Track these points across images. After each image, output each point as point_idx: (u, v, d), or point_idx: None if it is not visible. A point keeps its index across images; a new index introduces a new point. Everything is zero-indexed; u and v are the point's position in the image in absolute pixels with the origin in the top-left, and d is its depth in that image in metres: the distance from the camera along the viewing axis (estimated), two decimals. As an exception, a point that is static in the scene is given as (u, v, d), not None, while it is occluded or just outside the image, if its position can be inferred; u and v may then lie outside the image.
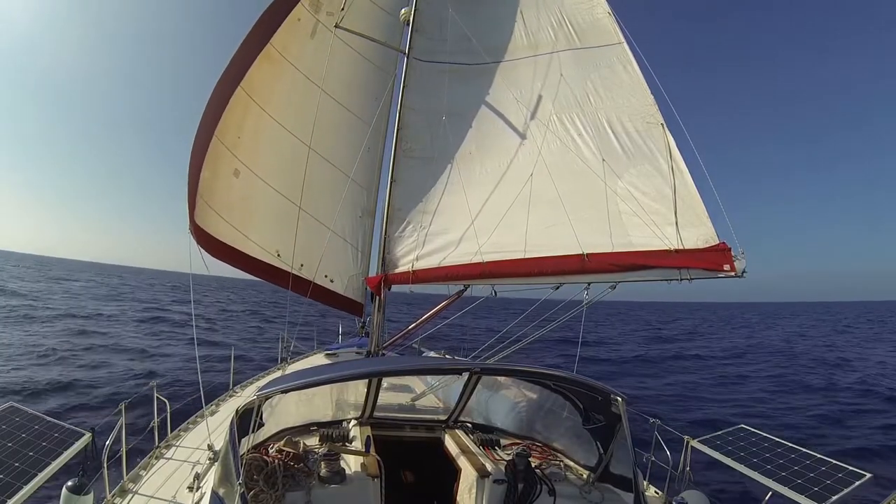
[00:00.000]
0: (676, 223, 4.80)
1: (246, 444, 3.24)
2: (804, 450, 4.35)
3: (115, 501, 3.60)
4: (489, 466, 3.69)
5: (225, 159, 6.71)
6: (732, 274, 4.38)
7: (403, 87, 6.58)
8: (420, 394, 5.54)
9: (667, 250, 4.69)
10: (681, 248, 4.67)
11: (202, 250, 6.39)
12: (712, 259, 4.51)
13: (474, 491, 3.55)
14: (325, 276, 8.10)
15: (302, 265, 7.44)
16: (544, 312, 5.54)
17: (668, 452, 4.31)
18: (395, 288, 6.17)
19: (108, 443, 3.65)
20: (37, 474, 3.22)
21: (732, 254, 4.45)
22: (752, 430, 4.85)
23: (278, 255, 7.32)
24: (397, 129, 6.46)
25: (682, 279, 4.60)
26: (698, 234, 4.70)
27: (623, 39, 5.77)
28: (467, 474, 3.71)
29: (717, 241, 4.61)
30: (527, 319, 5.78)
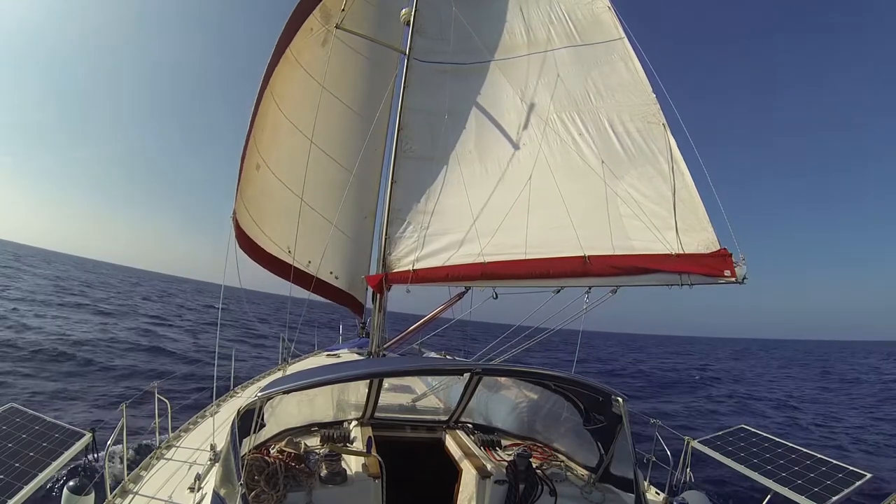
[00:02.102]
0: (676, 227, 4.75)
1: (247, 444, 3.24)
2: (804, 450, 4.36)
3: (116, 502, 3.59)
4: (490, 467, 3.69)
5: (253, 154, 7.18)
6: (733, 280, 4.34)
7: (404, 87, 6.59)
8: (421, 394, 5.53)
9: (667, 254, 4.65)
10: (681, 252, 4.63)
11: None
12: (713, 264, 4.45)
13: (475, 491, 3.55)
14: (331, 273, 8.38)
15: (309, 262, 7.82)
16: (545, 316, 5.52)
17: (669, 452, 4.32)
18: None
19: (108, 443, 3.65)
20: (37, 475, 3.23)
21: (733, 260, 4.41)
22: (753, 430, 4.86)
23: (289, 251, 7.64)
24: (397, 130, 6.47)
25: (682, 284, 4.57)
26: (699, 238, 4.65)
27: (623, 34, 5.71)
28: (468, 475, 3.71)
29: (719, 247, 4.56)
30: (527, 324, 5.77)
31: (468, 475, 3.71)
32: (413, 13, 6.77)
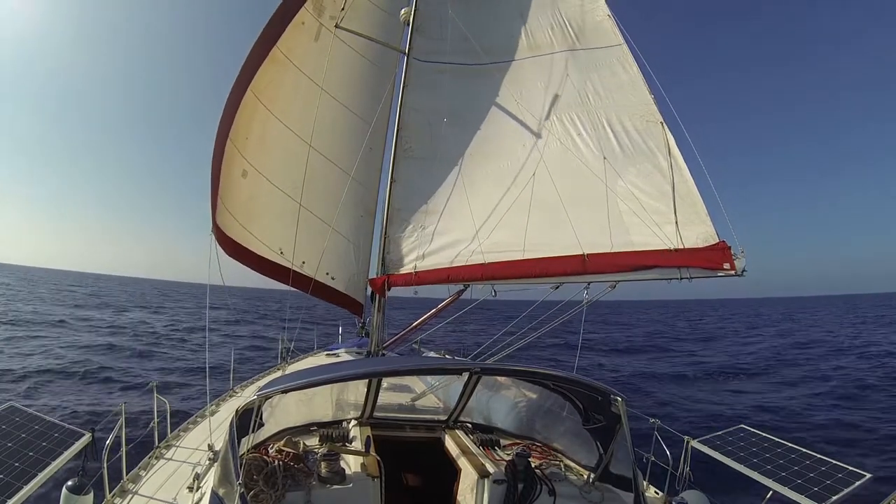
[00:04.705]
0: (676, 222, 4.79)
1: (246, 444, 3.23)
2: (804, 450, 4.35)
3: (115, 501, 3.60)
4: (489, 467, 3.68)
5: (235, 161, 6.91)
6: (732, 273, 4.38)
7: (403, 87, 6.59)
8: (420, 394, 5.54)
9: (667, 250, 4.69)
10: (681, 247, 4.66)
11: (218, 250, 6.57)
12: (712, 258, 4.50)
13: (474, 491, 3.55)
14: (327, 274, 8.28)
15: (304, 262, 7.62)
16: (544, 312, 5.54)
17: (668, 452, 4.31)
18: (393, 292, 6.19)
19: (108, 443, 3.65)
20: (37, 474, 3.22)
21: (732, 252, 4.44)
22: (752, 430, 4.85)
23: (281, 253, 7.48)
24: (397, 130, 6.47)
25: (682, 278, 4.60)
26: (698, 232, 4.70)
27: (622, 41, 5.76)
28: (467, 474, 3.71)
29: (717, 240, 4.60)
30: (526, 320, 5.79)
31: (467, 475, 3.71)
32: (413, 12, 6.77)
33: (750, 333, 37.76)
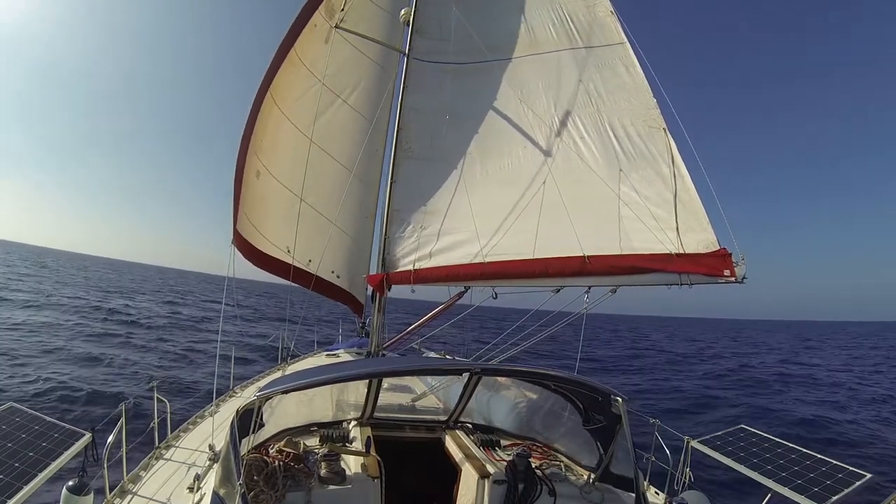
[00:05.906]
0: (677, 228, 4.76)
1: (246, 444, 3.23)
2: (804, 450, 4.35)
3: (115, 502, 3.59)
4: (489, 467, 3.69)
5: (251, 162, 7.12)
6: (732, 279, 4.36)
7: (404, 87, 6.59)
8: (420, 394, 5.54)
9: (667, 254, 4.66)
10: (681, 252, 4.64)
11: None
12: (712, 264, 4.47)
13: (474, 491, 3.55)
14: (332, 272, 8.42)
15: (310, 261, 7.85)
16: (544, 317, 5.53)
17: (668, 452, 4.32)
18: (395, 293, 6.20)
19: (108, 443, 3.64)
20: (37, 475, 3.21)
21: (733, 259, 4.42)
22: (752, 430, 4.86)
23: (288, 251, 7.65)
24: (397, 130, 6.47)
25: (682, 284, 4.58)
26: (699, 239, 4.66)
27: (625, 39, 5.71)
28: (467, 475, 3.71)
29: (718, 247, 4.57)
30: (527, 322, 5.78)
31: (467, 475, 3.71)
32: (413, 13, 6.77)
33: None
